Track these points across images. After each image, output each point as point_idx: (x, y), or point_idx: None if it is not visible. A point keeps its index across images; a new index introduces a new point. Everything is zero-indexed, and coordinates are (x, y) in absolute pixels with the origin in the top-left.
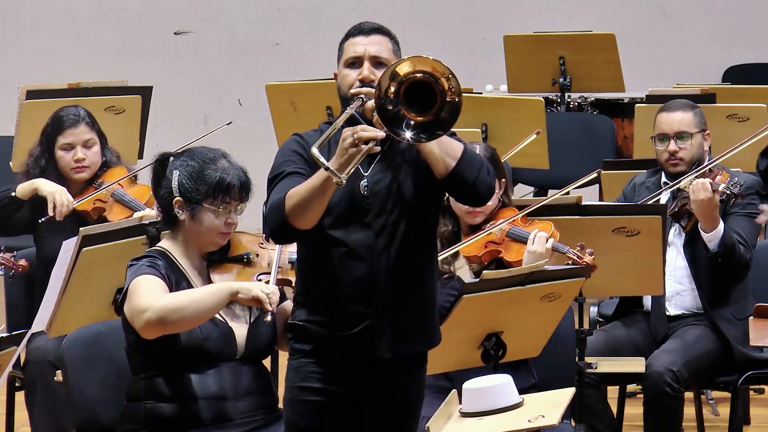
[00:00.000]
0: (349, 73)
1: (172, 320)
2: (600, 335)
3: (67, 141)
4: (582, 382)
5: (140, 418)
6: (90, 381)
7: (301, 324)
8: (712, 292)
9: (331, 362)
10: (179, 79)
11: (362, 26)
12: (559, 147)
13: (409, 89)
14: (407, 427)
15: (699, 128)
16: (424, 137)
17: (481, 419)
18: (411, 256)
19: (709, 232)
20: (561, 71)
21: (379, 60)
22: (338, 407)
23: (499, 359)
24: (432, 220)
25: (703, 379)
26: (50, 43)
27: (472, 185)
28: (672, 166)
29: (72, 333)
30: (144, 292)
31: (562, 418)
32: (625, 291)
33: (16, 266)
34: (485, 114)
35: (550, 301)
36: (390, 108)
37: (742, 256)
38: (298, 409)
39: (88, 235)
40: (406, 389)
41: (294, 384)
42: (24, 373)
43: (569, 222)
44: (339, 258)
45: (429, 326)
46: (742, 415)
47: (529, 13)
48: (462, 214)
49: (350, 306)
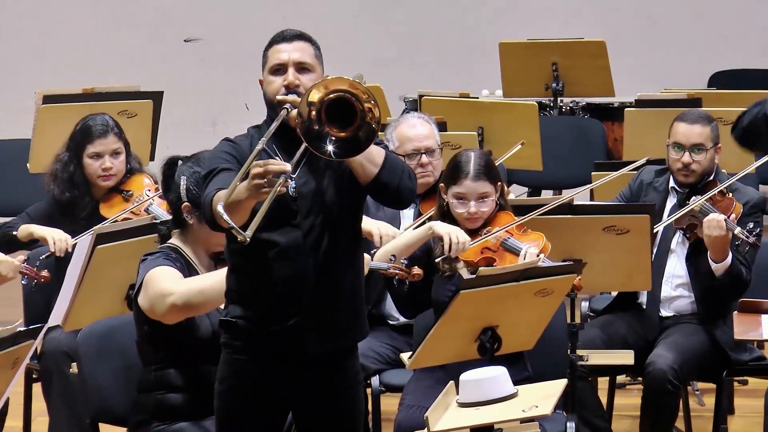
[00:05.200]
0: (274, 80)
1: (197, 302)
2: (591, 329)
3: (96, 150)
4: (573, 374)
5: (151, 408)
6: (103, 372)
7: (234, 321)
8: (710, 305)
9: (261, 358)
10: (189, 84)
11: (285, 33)
12: (552, 149)
13: (331, 107)
14: (350, 418)
15: (714, 142)
16: (341, 153)
17: (477, 409)
18: (337, 256)
19: (718, 263)
20: (554, 77)
21: (303, 65)
22: (267, 401)
23: (494, 352)
24: (356, 221)
25: (696, 374)
26: (66, 49)
27: (396, 191)
28: (683, 176)
29: (86, 327)
30: (164, 279)
31: (554, 409)
32: (614, 287)
33: (39, 276)
34: (481, 118)
35: (544, 297)
36: (315, 128)
37: (744, 280)
38: (228, 400)
39: (101, 234)
40: (336, 381)
41: (224, 376)
42: (41, 364)
43: (562, 221)
44: (269, 258)
45: (356, 322)
46: (726, 405)
47: (523, 22)
48: (461, 220)
49: (280, 305)
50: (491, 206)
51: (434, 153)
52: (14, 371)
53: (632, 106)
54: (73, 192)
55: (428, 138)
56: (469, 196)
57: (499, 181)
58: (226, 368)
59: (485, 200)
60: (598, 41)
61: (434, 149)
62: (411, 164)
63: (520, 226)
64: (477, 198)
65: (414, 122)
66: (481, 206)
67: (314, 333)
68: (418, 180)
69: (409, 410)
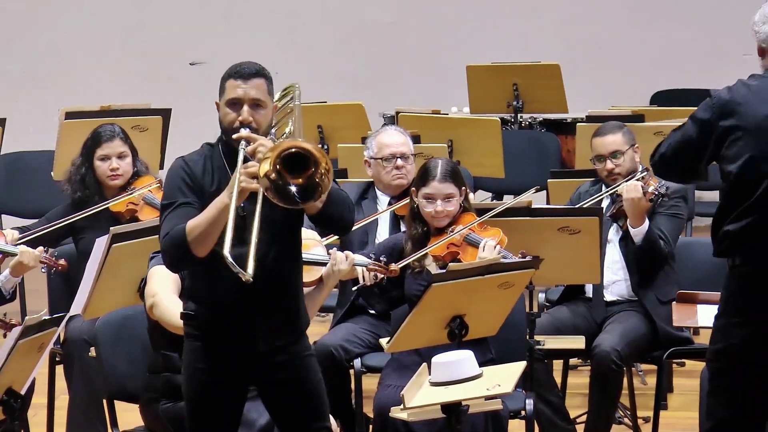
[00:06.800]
0: (229, 112)
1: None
2: (547, 317)
3: (104, 153)
4: (532, 357)
5: (159, 388)
6: (119, 356)
7: (192, 313)
8: (639, 279)
9: (215, 351)
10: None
11: (243, 70)
12: (512, 159)
13: (287, 160)
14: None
15: (629, 144)
16: (301, 200)
17: (447, 388)
18: (281, 265)
19: (636, 228)
20: (514, 95)
21: (257, 102)
22: (226, 382)
23: (462, 337)
24: (296, 238)
25: (637, 355)
26: (86, 72)
27: (338, 221)
28: (612, 180)
29: (104, 316)
30: (156, 281)
31: (515, 387)
32: (568, 280)
33: (57, 265)
34: (450, 132)
35: (506, 289)
36: (279, 183)
37: (662, 250)
38: (191, 384)
39: (117, 234)
40: (287, 363)
41: (188, 363)
42: (63, 349)
43: (522, 222)
44: (219, 266)
45: (297, 319)
46: (666, 384)
47: (487, 47)
48: (429, 218)
49: (230, 308)
50: (456, 207)
51: (408, 159)
52: (40, 354)
53: (583, 121)
54: (85, 192)
55: (403, 145)
56: (437, 196)
57: (463, 185)
58: (187, 356)
59: (450, 200)
60: (553, 64)
61: (408, 155)
62: (387, 167)
63: (481, 224)
64: (443, 198)
65: (391, 132)
66: (447, 206)
67: (262, 332)
68: (393, 182)
69: (387, 389)
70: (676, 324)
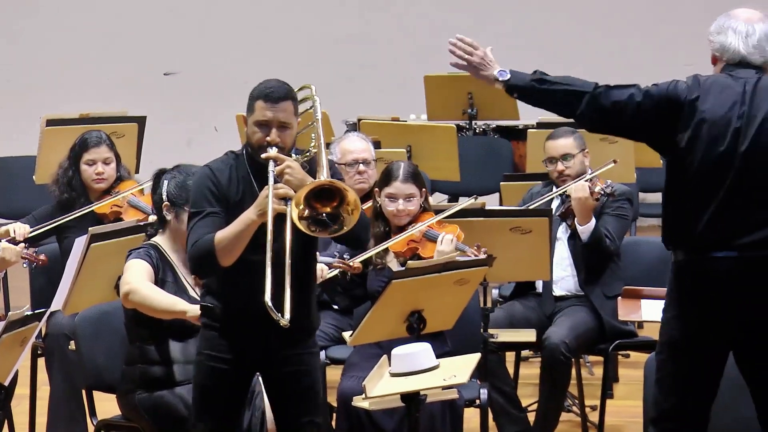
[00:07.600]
0: (257, 131)
1: (137, 302)
2: (500, 312)
3: (91, 157)
4: (486, 349)
5: (136, 379)
6: (97, 349)
7: (212, 307)
8: (586, 275)
9: (231, 342)
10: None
11: (272, 94)
12: (467, 163)
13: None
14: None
15: (579, 148)
16: (337, 229)
17: (406, 378)
18: (298, 281)
19: (583, 225)
20: (469, 104)
21: (285, 125)
22: (236, 373)
23: (420, 331)
24: (312, 247)
25: (584, 347)
26: (66, 81)
27: (359, 239)
28: (562, 182)
29: (83, 311)
30: (131, 272)
31: (470, 378)
32: (519, 277)
33: (38, 260)
34: (409, 138)
35: (461, 285)
36: (312, 216)
37: (607, 247)
38: (202, 368)
39: (95, 234)
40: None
41: (203, 350)
42: (44, 342)
43: (476, 222)
44: (239, 274)
45: (309, 323)
46: (612, 374)
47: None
48: (390, 217)
49: (246, 313)
50: (416, 206)
51: (370, 164)
52: (22, 348)
53: (534, 127)
54: (71, 193)
55: (365, 151)
56: (398, 195)
57: (423, 187)
58: (202, 342)
59: (411, 200)
60: None
61: (370, 161)
62: (350, 172)
63: (440, 222)
64: (405, 197)
65: (354, 139)
66: (408, 205)
67: (275, 336)
68: (356, 186)
69: (350, 380)
70: (621, 318)
